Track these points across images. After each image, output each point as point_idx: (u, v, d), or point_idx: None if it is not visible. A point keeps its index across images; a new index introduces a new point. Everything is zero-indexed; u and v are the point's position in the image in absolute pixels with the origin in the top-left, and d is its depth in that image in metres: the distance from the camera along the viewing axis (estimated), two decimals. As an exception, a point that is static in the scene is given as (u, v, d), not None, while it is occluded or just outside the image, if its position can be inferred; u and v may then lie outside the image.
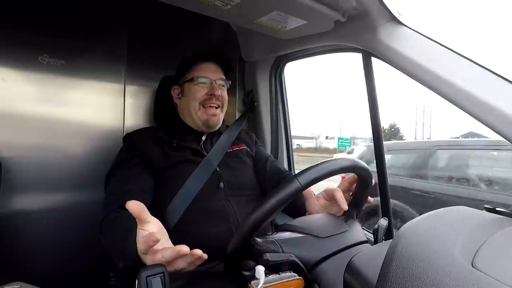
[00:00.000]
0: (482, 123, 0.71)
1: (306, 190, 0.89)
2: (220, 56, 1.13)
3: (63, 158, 1.14)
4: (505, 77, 0.74)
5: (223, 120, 1.16)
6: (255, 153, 1.21)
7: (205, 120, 1.08)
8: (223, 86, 1.12)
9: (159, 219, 0.90)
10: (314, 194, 0.95)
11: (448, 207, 0.56)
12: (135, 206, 0.58)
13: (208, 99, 1.07)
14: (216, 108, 1.09)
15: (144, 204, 0.90)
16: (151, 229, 0.60)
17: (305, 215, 0.92)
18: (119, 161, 0.98)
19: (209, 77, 1.08)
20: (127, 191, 0.90)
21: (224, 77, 1.13)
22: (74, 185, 1.15)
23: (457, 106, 0.76)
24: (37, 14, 1.08)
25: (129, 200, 0.87)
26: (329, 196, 0.89)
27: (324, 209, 0.90)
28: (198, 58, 1.10)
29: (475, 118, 0.72)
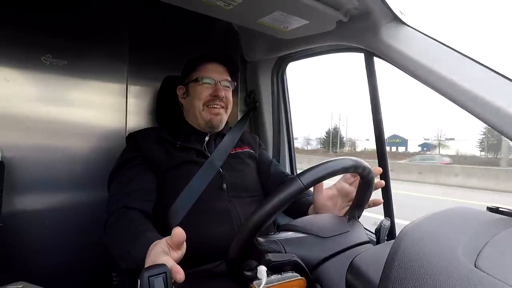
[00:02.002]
0: (485, 122, 0.71)
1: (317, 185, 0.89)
2: (226, 56, 1.12)
3: (65, 158, 1.14)
4: (507, 76, 0.73)
5: (226, 121, 1.16)
6: (259, 155, 1.21)
7: (208, 120, 1.07)
8: (228, 87, 1.11)
9: (162, 220, 0.91)
10: None
11: (451, 207, 0.55)
12: (180, 236, 0.58)
13: (212, 100, 1.06)
14: (220, 108, 1.08)
15: (149, 204, 0.91)
16: (175, 256, 0.60)
17: (306, 215, 0.92)
18: (122, 161, 0.98)
19: (214, 78, 1.07)
20: (131, 190, 0.90)
21: (229, 78, 1.12)
22: (76, 185, 1.15)
23: (459, 106, 0.75)
24: (39, 14, 1.08)
25: (133, 199, 0.88)
26: (340, 184, 0.90)
27: (330, 200, 0.91)
28: (203, 58, 1.09)
29: (478, 118, 0.72)
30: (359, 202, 0.80)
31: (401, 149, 54.65)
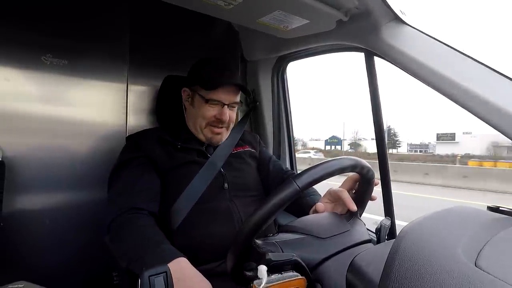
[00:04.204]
0: (485, 122, 0.71)
1: (318, 205, 0.89)
2: (238, 84, 1.05)
3: (66, 158, 1.14)
4: (508, 76, 0.73)
5: None
6: (259, 153, 1.21)
7: (208, 138, 1.06)
8: (234, 107, 1.08)
9: (163, 220, 0.90)
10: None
11: (451, 207, 0.55)
12: None
13: (215, 121, 1.04)
14: (222, 128, 1.06)
15: (155, 205, 0.92)
16: None
17: (309, 213, 0.92)
18: (123, 159, 0.98)
19: (222, 101, 1.02)
20: (138, 190, 0.90)
21: (237, 100, 1.07)
22: (77, 185, 1.15)
23: (459, 105, 0.75)
24: (40, 14, 1.08)
25: (141, 200, 0.88)
26: (334, 197, 0.89)
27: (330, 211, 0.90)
28: (216, 85, 1.01)
29: (478, 117, 0.72)
30: (360, 200, 0.80)
31: (338, 147, 64.07)
